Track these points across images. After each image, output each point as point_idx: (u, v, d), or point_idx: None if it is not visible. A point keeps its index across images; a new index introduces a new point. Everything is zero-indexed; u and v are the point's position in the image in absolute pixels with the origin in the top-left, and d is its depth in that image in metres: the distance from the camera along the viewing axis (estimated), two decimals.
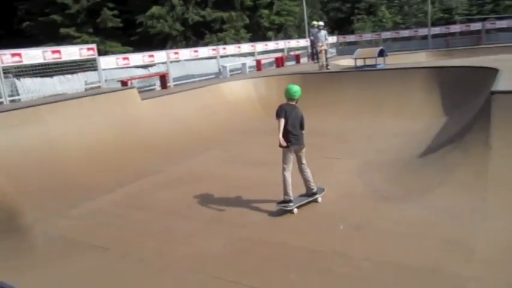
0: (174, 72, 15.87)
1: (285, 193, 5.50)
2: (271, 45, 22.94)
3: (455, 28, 28.24)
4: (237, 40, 25.57)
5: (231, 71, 17.76)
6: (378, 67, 13.95)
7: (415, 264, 4.01)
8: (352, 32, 34.02)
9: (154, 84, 15.23)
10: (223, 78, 16.49)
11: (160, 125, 10.57)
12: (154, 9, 24.57)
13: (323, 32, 15.51)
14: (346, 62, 18.12)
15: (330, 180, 6.79)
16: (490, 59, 13.05)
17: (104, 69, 13.14)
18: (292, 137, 5.43)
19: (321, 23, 16.11)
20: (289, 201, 5.51)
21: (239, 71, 18.60)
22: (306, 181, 5.72)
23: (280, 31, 30.12)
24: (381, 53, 14.85)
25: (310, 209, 5.66)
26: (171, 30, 24.86)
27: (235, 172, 7.82)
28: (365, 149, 8.59)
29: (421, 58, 22.67)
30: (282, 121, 5.38)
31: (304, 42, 24.61)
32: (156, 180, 7.67)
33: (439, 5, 36.76)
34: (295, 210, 5.49)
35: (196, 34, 26.09)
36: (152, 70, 15.59)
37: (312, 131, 10.49)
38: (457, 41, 27.00)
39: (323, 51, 15.24)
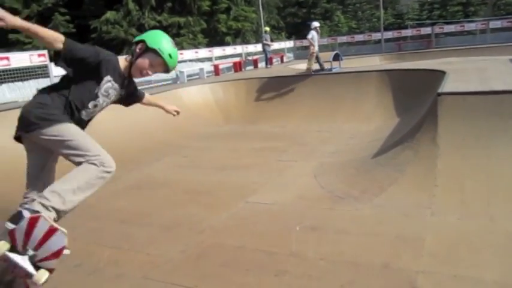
0: None
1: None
2: (229, 50, 23.02)
3: (407, 32, 29.33)
4: (195, 45, 25.45)
5: (188, 76, 17.67)
6: (334, 71, 14.25)
7: (368, 262, 4.13)
8: None
9: None
10: (181, 84, 16.37)
11: (116, 130, 10.33)
12: (109, 15, 24.09)
13: (315, 34, 14.64)
14: (303, 66, 18.39)
15: (287, 182, 6.89)
16: (438, 62, 13.62)
17: (56, 76, 12.81)
18: None
19: (317, 24, 15.06)
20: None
21: (197, 76, 18.53)
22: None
23: (238, 36, 30.21)
24: (336, 57, 15.18)
25: (267, 211, 5.72)
26: (126, 36, 24.43)
27: (193, 177, 7.79)
28: (322, 151, 8.76)
29: (375, 62, 23.34)
30: None
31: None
32: (112, 188, 7.47)
33: (391, 10, 38.12)
34: None
35: None
36: None
37: (269, 134, 10.75)
38: (409, 44, 28.08)
39: (314, 54, 14.56)
